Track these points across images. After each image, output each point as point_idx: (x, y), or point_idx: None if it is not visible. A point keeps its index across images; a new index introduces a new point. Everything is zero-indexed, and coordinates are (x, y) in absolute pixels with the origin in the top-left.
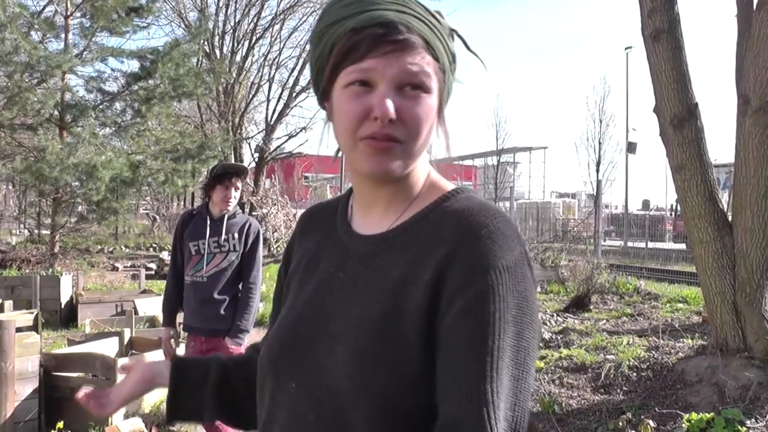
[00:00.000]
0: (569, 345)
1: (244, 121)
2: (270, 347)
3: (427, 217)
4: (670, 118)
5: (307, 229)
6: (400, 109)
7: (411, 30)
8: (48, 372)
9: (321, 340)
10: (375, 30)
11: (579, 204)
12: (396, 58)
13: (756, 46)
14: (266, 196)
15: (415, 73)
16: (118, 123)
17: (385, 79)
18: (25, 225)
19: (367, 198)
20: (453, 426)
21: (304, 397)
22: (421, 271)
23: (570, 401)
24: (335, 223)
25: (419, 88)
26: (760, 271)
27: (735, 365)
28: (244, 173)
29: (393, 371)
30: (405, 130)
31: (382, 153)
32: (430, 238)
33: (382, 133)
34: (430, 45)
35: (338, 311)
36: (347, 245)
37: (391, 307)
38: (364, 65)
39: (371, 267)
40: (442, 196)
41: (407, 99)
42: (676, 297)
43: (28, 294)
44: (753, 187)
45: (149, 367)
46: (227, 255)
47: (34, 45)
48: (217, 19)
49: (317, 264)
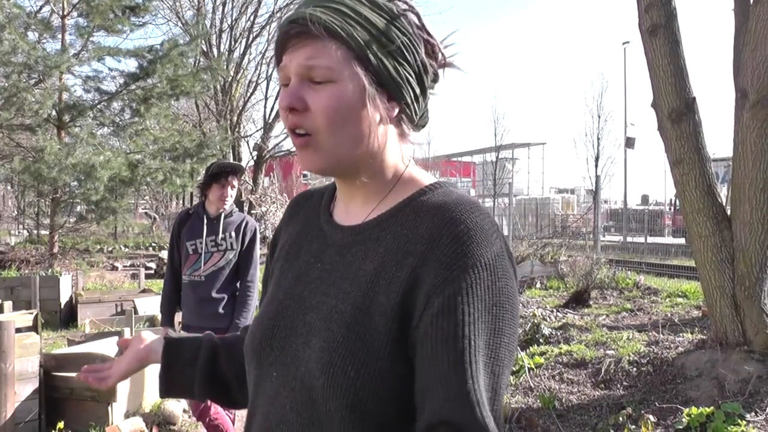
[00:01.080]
0: (569, 341)
1: (242, 119)
2: (252, 334)
3: (402, 211)
4: (668, 112)
5: (293, 215)
6: (302, 100)
7: (317, 22)
8: (48, 372)
9: (299, 331)
10: (285, 28)
11: (578, 199)
12: (296, 52)
13: (753, 40)
14: (265, 195)
15: (311, 66)
16: (116, 123)
17: (292, 74)
18: (24, 225)
19: (345, 190)
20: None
21: (281, 386)
22: (396, 266)
23: (570, 397)
24: (318, 211)
25: (323, 81)
26: (759, 265)
27: (735, 359)
28: (240, 172)
29: (363, 367)
30: (313, 120)
31: (300, 150)
32: (406, 234)
33: (289, 124)
34: (340, 35)
35: (315, 302)
36: (326, 235)
37: (361, 301)
38: (282, 63)
39: (347, 259)
40: (418, 190)
41: (315, 91)
42: (675, 291)
43: (28, 294)
44: (751, 180)
45: (145, 343)
46: (225, 254)
47: (32, 45)
48: (214, 17)
49: (298, 252)
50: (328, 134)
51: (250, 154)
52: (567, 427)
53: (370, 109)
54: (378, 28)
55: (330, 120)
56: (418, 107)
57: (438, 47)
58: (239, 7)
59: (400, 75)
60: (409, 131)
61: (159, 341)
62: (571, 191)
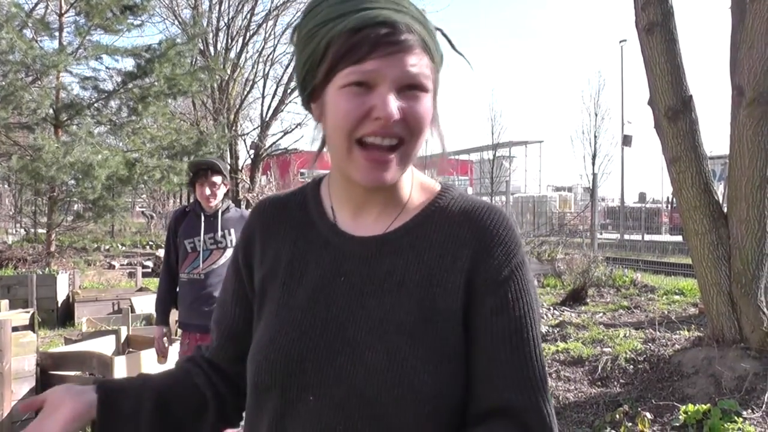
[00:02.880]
0: (566, 338)
1: (239, 117)
2: (270, 361)
3: (430, 218)
4: (665, 110)
5: (271, 224)
6: (402, 109)
7: (410, 30)
8: (45, 371)
9: (340, 349)
10: (375, 30)
11: (575, 197)
12: (398, 59)
13: (750, 38)
14: (262, 193)
15: (416, 74)
16: (113, 121)
17: (386, 80)
18: (21, 224)
19: (357, 200)
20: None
21: (324, 408)
22: (447, 272)
23: (567, 394)
24: (311, 221)
25: (418, 88)
26: (755, 262)
27: (731, 356)
28: (214, 167)
29: (437, 373)
30: (407, 129)
31: (381, 165)
32: (447, 240)
33: (387, 132)
34: (426, 45)
35: (353, 317)
36: (340, 247)
37: (419, 310)
38: (366, 67)
39: (381, 270)
40: (436, 196)
41: (408, 99)
42: (672, 289)
43: (25, 293)
44: (748, 178)
45: (77, 398)
46: (224, 251)
47: (30, 44)
48: (210, 16)
49: (304, 266)
50: (416, 143)
51: (247, 153)
52: (564, 424)
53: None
54: (437, 45)
55: (421, 131)
56: None
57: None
58: (236, 5)
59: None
60: None
61: (91, 393)
62: (569, 189)
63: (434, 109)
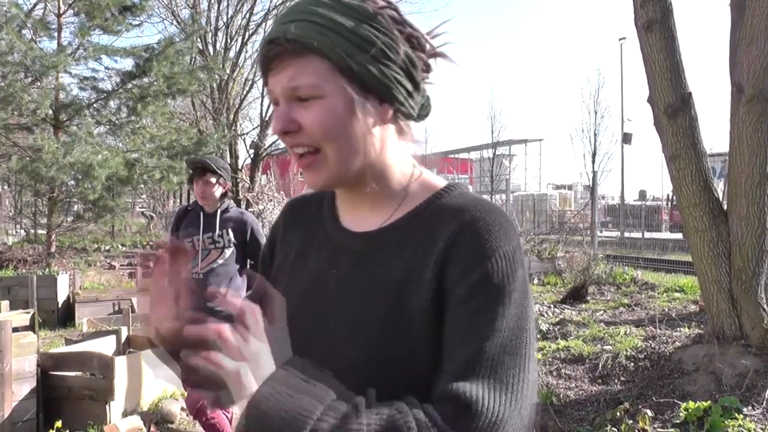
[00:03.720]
0: (566, 336)
1: (239, 117)
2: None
3: (420, 215)
4: (664, 107)
5: (292, 221)
6: (294, 121)
7: (294, 40)
8: (45, 372)
9: (321, 340)
10: (265, 50)
11: (575, 195)
12: (278, 74)
13: (749, 35)
14: (262, 193)
15: (295, 87)
16: (112, 121)
17: (280, 95)
18: (22, 225)
19: (350, 198)
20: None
21: None
22: (423, 269)
23: (568, 392)
24: (321, 218)
25: (309, 98)
26: (755, 259)
27: (732, 353)
28: (207, 166)
29: (405, 369)
30: (311, 136)
31: (306, 169)
32: (428, 236)
33: (291, 145)
34: (319, 49)
35: (336, 310)
36: (337, 241)
37: (394, 307)
38: (268, 87)
39: (367, 265)
40: (435, 194)
41: (304, 108)
42: (672, 286)
43: (25, 294)
44: (747, 175)
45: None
46: (222, 251)
47: (29, 44)
48: (209, 16)
49: (306, 259)
50: (332, 146)
51: (246, 152)
52: (565, 422)
53: (361, 118)
54: (355, 33)
55: (325, 135)
56: (413, 102)
57: (423, 38)
58: (234, 4)
59: (386, 76)
60: (408, 128)
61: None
62: (569, 187)
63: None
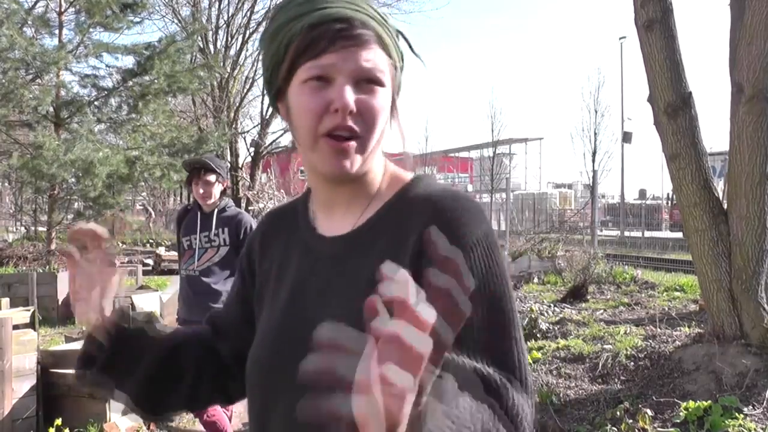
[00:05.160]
0: (566, 335)
1: (239, 115)
2: (256, 360)
3: (390, 211)
4: (664, 107)
5: (270, 234)
6: (358, 101)
7: (366, 26)
8: (45, 369)
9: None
10: (333, 26)
11: (575, 194)
12: (353, 53)
13: (749, 35)
14: (262, 191)
15: (371, 68)
16: (113, 119)
17: (343, 73)
18: (22, 222)
19: (326, 198)
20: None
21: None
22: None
23: (568, 392)
24: (297, 226)
25: (374, 82)
26: (755, 259)
27: (732, 353)
28: (207, 166)
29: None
30: (363, 122)
31: (341, 153)
32: (399, 230)
33: (344, 125)
34: (383, 41)
35: (317, 315)
36: (313, 248)
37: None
38: (323, 61)
39: (344, 268)
40: (402, 187)
41: (364, 93)
42: (672, 286)
43: (25, 291)
44: (747, 174)
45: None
46: (218, 250)
47: (30, 41)
48: (210, 14)
49: (287, 270)
50: (372, 136)
51: (247, 151)
52: (565, 421)
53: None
54: (396, 44)
55: (377, 122)
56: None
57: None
58: (235, 3)
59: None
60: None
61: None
62: (569, 186)
63: (394, 105)
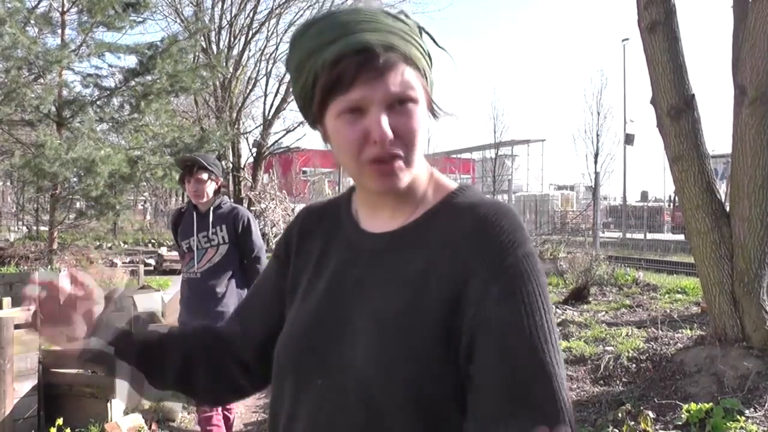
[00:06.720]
0: (568, 337)
1: (242, 115)
2: (286, 346)
3: (438, 214)
4: (667, 109)
5: (308, 228)
6: (395, 126)
7: (389, 48)
8: (47, 368)
9: (343, 336)
10: (354, 59)
11: (577, 196)
12: (380, 81)
13: (752, 37)
14: (264, 191)
15: (400, 92)
16: (115, 119)
17: (374, 102)
18: (24, 221)
19: (372, 202)
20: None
21: (328, 391)
22: (444, 264)
23: (569, 393)
24: (341, 223)
25: (407, 101)
26: (758, 261)
27: (734, 355)
28: (198, 163)
29: (418, 361)
30: (403, 143)
31: (388, 174)
32: (449, 232)
33: (387, 153)
34: (408, 57)
35: (357, 307)
36: (357, 243)
37: (413, 299)
38: (353, 96)
39: (386, 263)
40: (449, 194)
41: (399, 115)
42: (674, 288)
43: None
44: (750, 177)
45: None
46: (218, 249)
47: (33, 40)
48: (213, 14)
49: (327, 263)
50: (413, 153)
51: (249, 151)
52: None
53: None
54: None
55: (416, 140)
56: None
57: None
58: (238, 3)
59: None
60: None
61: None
62: (571, 188)
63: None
